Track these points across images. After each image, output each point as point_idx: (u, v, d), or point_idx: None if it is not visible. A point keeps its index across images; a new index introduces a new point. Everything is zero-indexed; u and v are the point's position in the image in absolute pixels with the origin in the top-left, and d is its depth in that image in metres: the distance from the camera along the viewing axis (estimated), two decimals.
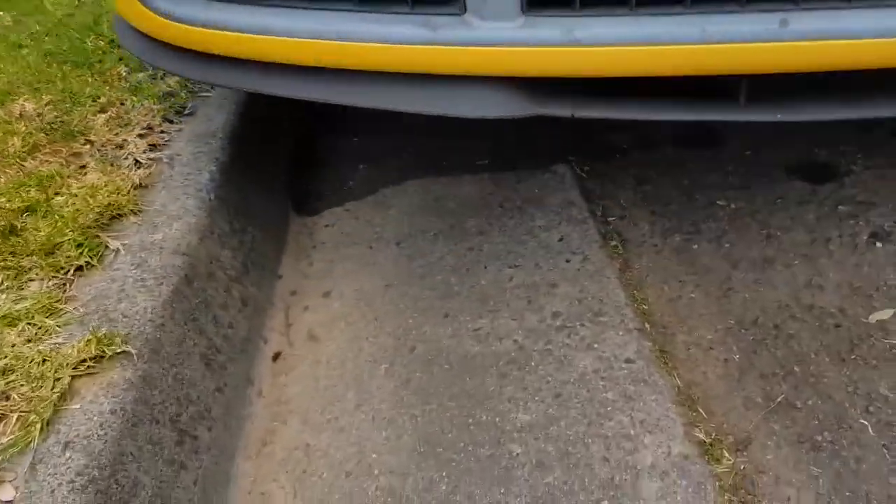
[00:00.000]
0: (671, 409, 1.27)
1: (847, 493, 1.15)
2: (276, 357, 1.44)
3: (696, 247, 1.66)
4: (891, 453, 1.20)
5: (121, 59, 2.13)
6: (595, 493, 1.14)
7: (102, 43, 2.25)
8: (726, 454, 1.21)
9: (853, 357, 1.37)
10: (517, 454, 1.21)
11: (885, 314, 1.45)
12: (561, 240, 1.67)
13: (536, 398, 1.30)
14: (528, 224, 1.73)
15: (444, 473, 1.19)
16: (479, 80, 1.19)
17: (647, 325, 1.46)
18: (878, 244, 1.62)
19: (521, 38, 1.16)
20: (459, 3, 1.18)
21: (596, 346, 1.40)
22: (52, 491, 0.89)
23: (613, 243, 1.67)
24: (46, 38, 2.32)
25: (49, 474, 0.91)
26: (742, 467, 1.20)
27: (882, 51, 1.10)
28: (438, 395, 1.33)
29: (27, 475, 0.91)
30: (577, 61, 1.15)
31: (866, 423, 1.25)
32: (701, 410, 1.29)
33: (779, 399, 1.30)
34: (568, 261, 1.61)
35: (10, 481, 0.91)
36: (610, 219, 1.76)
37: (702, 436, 1.24)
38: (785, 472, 1.19)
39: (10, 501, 0.88)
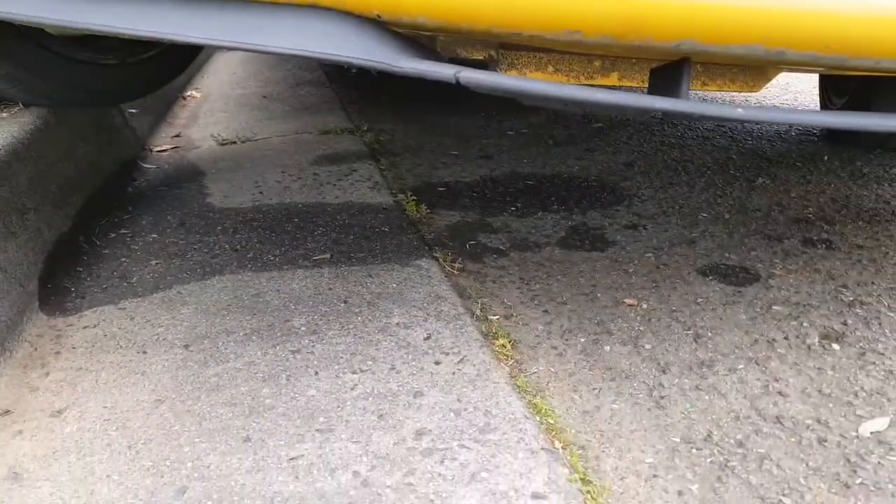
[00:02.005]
0: None
1: None
2: None
3: (608, 349, 1.22)
4: None
5: None
6: None
7: None
8: None
9: (859, 482, 0.92)
10: None
11: (877, 424, 1.04)
12: (428, 338, 1.19)
13: None
14: (382, 321, 1.24)
15: None
16: (306, 9, 0.76)
17: (557, 445, 0.96)
18: (835, 346, 1.25)
19: None
20: None
21: (485, 475, 0.89)
22: None
23: (500, 342, 1.20)
24: None
25: None
26: None
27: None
28: None
29: None
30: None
31: None
32: None
33: None
34: (438, 363, 1.12)
35: None
36: (492, 317, 1.31)
37: None
38: None
39: None
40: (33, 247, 1.35)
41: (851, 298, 1.42)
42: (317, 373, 1.10)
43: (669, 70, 0.95)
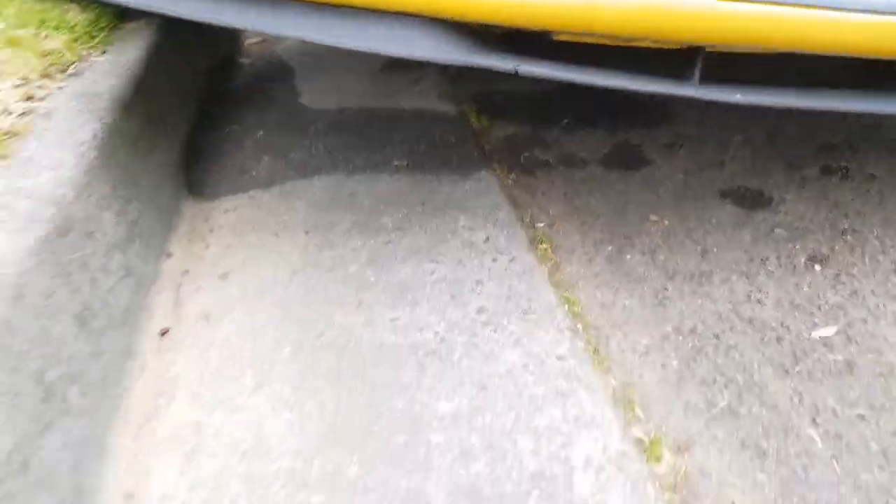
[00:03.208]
0: (607, 407, 1.25)
1: (794, 501, 1.15)
2: (163, 333, 1.34)
3: (629, 257, 1.68)
4: (840, 463, 1.21)
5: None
6: (524, 484, 1.10)
7: None
8: (666, 454, 1.20)
9: (797, 370, 1.39)
10: (437, 444, 1.15)
11: (827, 331, 1.49)
12: (487, 240, 1.66)
13: (459, 390, 1.26)
14: (452, 224, 1.71)
15: (354, 458, 1.11)
16: (416, 20, 1.18)
17: (579, 326, 1.44)
18: (817, 267, 1.68)
19: None
20: None
21: (525, 342, 1.37)
22: None
23: (543, 246, 1.67)
24: None
25: None
26: (684, 469, 1.18)
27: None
28: (349, 382, 1.26)
29: None
30: (524, 10, 1.16)
31: (813, 433, 1.26)
32: (638, 411, 1.28)
33: (721, 405, 1.30)
34: (494, 260, 1.59)
35: None
36: (538, 225, 1.76)
37: (640, 434, 1.22)
38: (729, 477, 1.18)
39: None
40: (175, 145, 1.83)
41: (846, 226, 1.84)
42: (404, 260, 1.58)
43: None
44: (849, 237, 1.78)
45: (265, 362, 1.29)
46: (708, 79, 1.30)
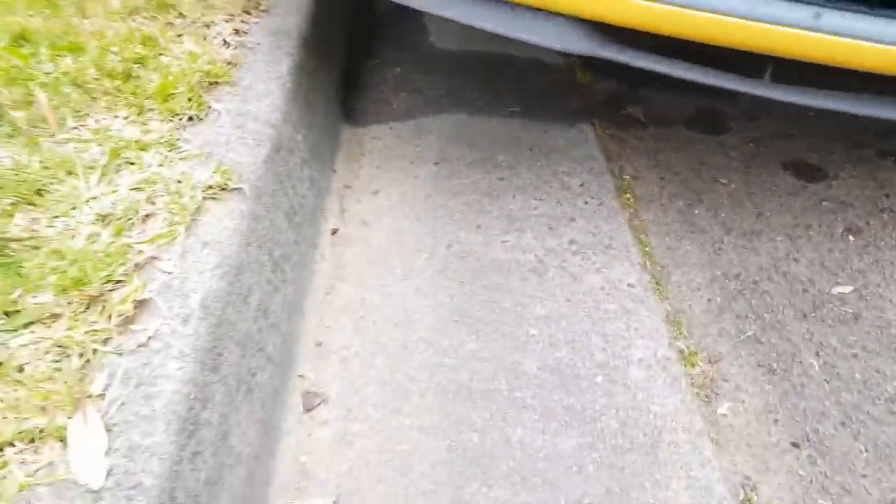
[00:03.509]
0: (660, 325, 1.71)
1: (788, 406, 1.60)
2: (334, 232, 1.84)
3: (696, 212, 2.10)
4: (830, 385, 1.65)
5: None
6: (593, 369, 1.57)
7: None
8: (700, 363, 1.66)
9: (813, 315, 1.82)
10: (533, 334, 1.63)
11: (845, 289, 1.91)
12: (582, 185, 2.10)
13: (551, 299, 1.73)
14: (554, 168, 2.16)
15: (473, 337, 1.61)
16: (558, 17, 1.60)
17: (647, 263, 1.89)
18: (851, 237, 2.08)
19: None
20: None
21: (604, 270, 1.83)
22: (200, 273, 1.28)
23: (627, 195, 2.11)
24: None
25: (194, 261, 1.30)
26: (711, 375, 1.64)
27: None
28: (470, 283, 1.74)
29: (178, 260, 1.30)
30: (641, 16, 1.56)
31: (814, 362, 1.70)
32: (684, 331, 1.73)
33: (748, 334, 1.75)
34: (586, 203, 2.04)
35: (167, 259, 1.29)
36: (625, 177, 2.20)
37: (682, 347, 1.68)
38: (744, 384, 1.63)
39: (170, 273, 1.27)
40: (336, 75, 2.30)
41: (885, 206, 2.23)
42: (514, 196, 2.04)
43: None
44: (885, 215, 2.17)
45: (409, 260, 1.78)
46: (779, 78, 1.69)
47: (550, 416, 1.46)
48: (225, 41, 1.97)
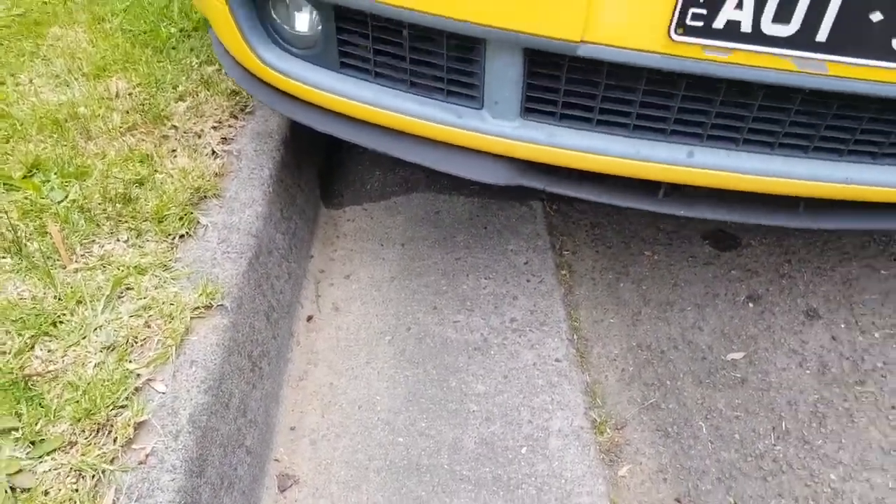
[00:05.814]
0: (579, 396, 2.05)
1: (677, 466, 1.95)
2: (308, 319, 2.17)
3: (622, 284, 2.44)
4: (713, 445, 1.99)
5: (192, 50, 2.80)
6: (520, 441, 1.92)
7: (174, 30, 2.90)
8: (608, 430, 2.00)
9: (708, 381, 2.16)
10: (473, 410, 1.98)
11: (737, 355, 2.25)
12: (526, 263, 2.43)
13: (490, 376, 2.07)
14: (503, 246, 2.49)
15: (424, 416, 1.95)
16: (484, 155, 1.91)
17: (575, 337, 2.23)
18: (751, 304, 2.42)
19: (516, 135, 1.86)
20: (478, 101, 1.88)
21: (537, 346, 2.17)
22: (188, 390, 1.60)
23: (563, 272, 2.44)
24: (124, 16, 2.97)
25: (184, 380, 1.62)
26: (616, 440, 1.98)
27: (758, 183, 1.86)
28: (424, 364, 2.08)
29: (170, 380, 1.62)
30: (553, 156, 1.88)
31: (703, 424, 2.05)
32: (598, 400, 2.08)
33: (651, 401, 2.09)
34: (528, 280, 2.37)
35: (160, 380, 1.61)
36: (564, 252, 2.53)
37: (595, 416, 2.02)
38: (642, 447, 1.98)
39: (163, 392, 1.58)
40: (314, 164, 2.63)
41: (786, 271, 2.56)
42: (467, 275, 2.38)
43: None
44: (784, 280, 2.50)
45: (374, 344, 2.12)
46: (671, 196, 2.01)
47: (482, 485, 1.81)
48: (213, 151, 2.27)
